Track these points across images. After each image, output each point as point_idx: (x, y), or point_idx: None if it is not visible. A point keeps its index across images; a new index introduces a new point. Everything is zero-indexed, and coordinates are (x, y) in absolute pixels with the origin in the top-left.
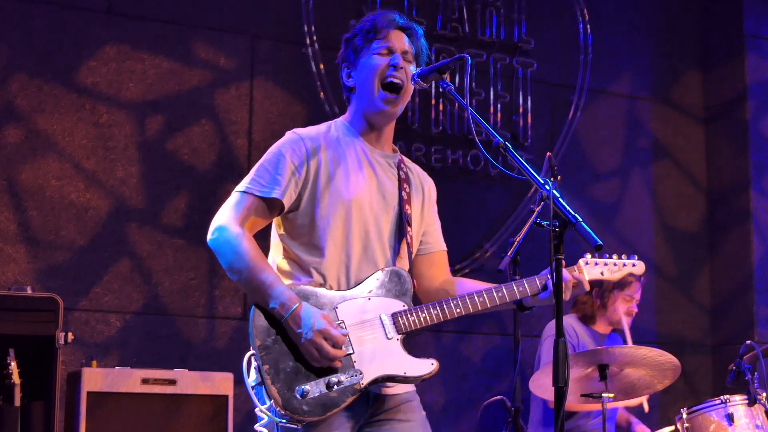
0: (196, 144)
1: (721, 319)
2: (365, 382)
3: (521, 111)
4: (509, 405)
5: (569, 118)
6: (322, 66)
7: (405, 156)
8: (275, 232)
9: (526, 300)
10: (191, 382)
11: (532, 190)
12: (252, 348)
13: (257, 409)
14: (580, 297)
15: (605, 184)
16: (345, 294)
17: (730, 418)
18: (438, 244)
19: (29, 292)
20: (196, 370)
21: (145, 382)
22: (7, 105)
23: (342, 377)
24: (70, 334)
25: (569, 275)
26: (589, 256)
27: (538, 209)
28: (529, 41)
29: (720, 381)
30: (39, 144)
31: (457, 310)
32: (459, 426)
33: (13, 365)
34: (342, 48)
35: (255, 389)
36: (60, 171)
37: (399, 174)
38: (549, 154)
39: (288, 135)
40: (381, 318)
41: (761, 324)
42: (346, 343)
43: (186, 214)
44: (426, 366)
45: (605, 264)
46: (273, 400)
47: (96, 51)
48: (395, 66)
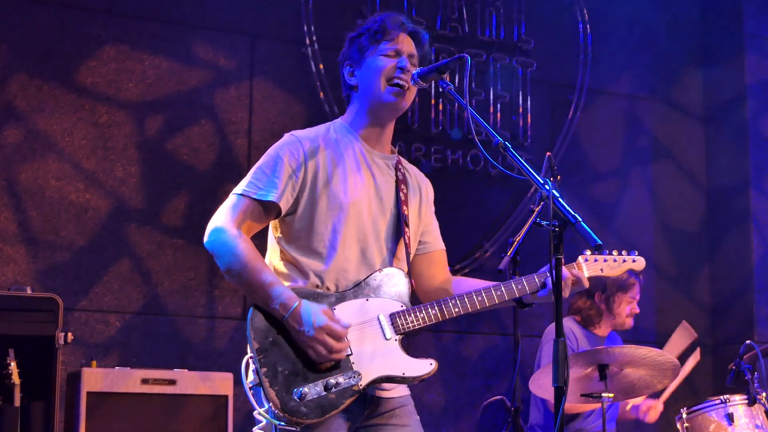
0: (195, 144)
1: (721, 319)
2: (364, 383)
3: (521, 111)
4: (509, 405)
5: (569, 118)
6: (321, 66)
7: (404, 156)
8: (272, 234)
9: (525, 297)
10: (191, 382)
11: (531, 190)
12: (250, 350)
13: (255, 412)
14: (581, 302)
15: (605, 184)
16: (343, 295)
17: (729, 417)
18: (436, 243)
19: (29, 292)
20: (195, 370)
21: (145, 382)
22: (7, 105)
23: (340, 379)
24: (69, 334)
25: (568, 273)
26: (589, 252)
27: (537, 209)
28: (529, 41)
29: (720, 381)
30: (39, 144)
31: (456, 309)
32: (459, 426)
33: (13, 365)
34: (345, 46)
35: (253, 390)
36: (60, 171)
37: (396, 175)
38: (549, 153)
39: (286, 137)
40: (379, 319)
41: (761, 324)
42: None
43: (186, 214)
44: (425, 366)
45: (605, 260)
46: (271, 402)
47: (96, 51)
48: (402, 68)
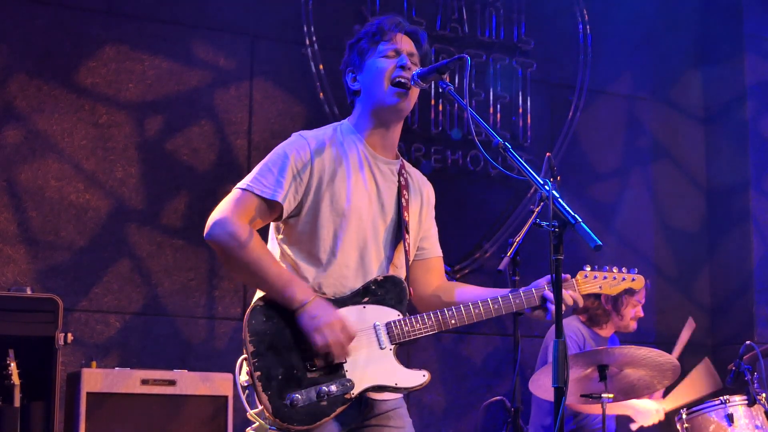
0: (195, 144)
1: (721, 319)
2: (356, 391)
3: (521, 111)
4: (509, 405)
5: (569, 118)
6: (321, 66)
7: (404, 156)
8: (273, 235)
9: (527, 311)
10: (191, 382)
11: (531, 190)
12: (245, 353)
13: (248, 414)
14: (588, 302)
15: (605, 184)
16: (340, 302)
17: (729, 418)
18: (434, 250)
19: (29, 292)
20: (195, 370)
21: (145, 382)
22: (7, 105)
23: (332, 387)
24: (69, 334)
25: (565, 296)
26: (588, 268)
27: (537, 209)
28: (529, 41)
29: (720, 381)
30: (38, 144)
31: (453, 321)
32: (459, 426)
33: (13, 366)
34: (346, 53)
35: (247, 390)
36: (59, 171)
37: (399, 180)
38: (549, 154)
39: (294, 138)
40: (375, 327)
41: (761, 324)
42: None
43: (185, 214)
44: (417, 377)
45: (604, 277)
46: (263, 407)
47: (96, 51)
48: (403, 67)
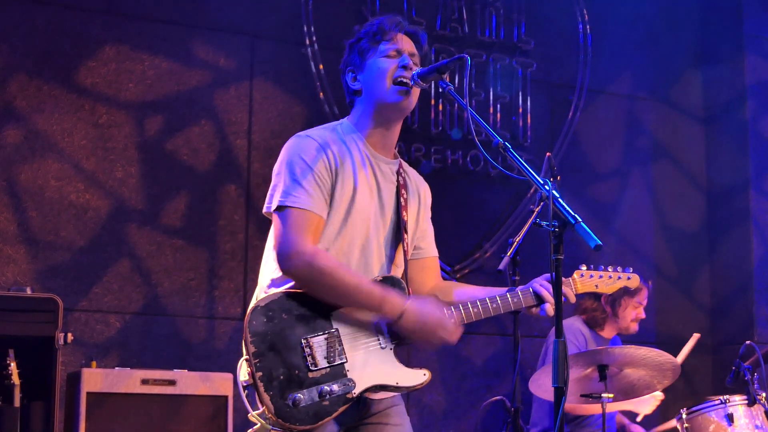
0: (195, 144)
1: (721, 319)
2: (357, 391)
3: (521, 111)
4: (509, 405)
5: (569, 118)
6: (321, 66)
7: (404, 156)
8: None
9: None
10: (191, 382)
11: (531, 190)
12: (246, 354)
13: (249, 415)
14: (588, 303)
15: (605, 184)
16: None
17: (729, 418)
18: (430, 249)
19: (29, 292)
20: (195, 370)
21: (145, 382)
22: (7, 105)
23: (334, 386)
24: (69, 334)
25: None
26: (584, 267)
27: (537, 209)
28: (529, 41)
29: (720, 381)
30: (38, 144)
31: (451, 320)
32: (459, 426)
33: (13, 366)
34: (346, 53)
35: (248, 390)
36: (59, 171)
37: (398, 180)
38: (549, 154)
39: (304, 141)
40: (376, 327)
41: (761, 324)
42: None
43: (185, 214)
44: (418, 376)
45: (600, 276)
46: (265, 407)
47: (95, 51)
48: (405, 66)
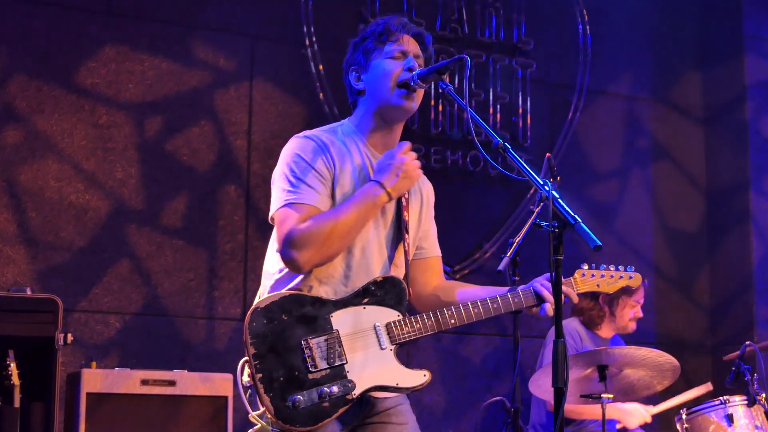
0: (195, 145)
1: (721, 320)
2: (357, 392)
3: (521, 112)
4: (509, 406)
5: (569, 118)
6: (321, 67)
7: None
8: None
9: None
10: (191, 383)
11: (531, 190)
12: (246, 355)
13: (250, 416)
14: (585, 303)
15: (605, 184)
16: (341, 302)
17: (729, 418)
18: (433, 249)
19: (29, 293)
20: (195, 371)
21: (145, 383)
22: (7, 106)
23: (334, 388)
24: (69, 335)
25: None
26: (586, 266)
27: (537, 210)
28: (529, 42)
29: (720, 381)
30: (38, 145)
31: (452, 321)
32: (459, 427)
33: (13, 366)
34: (349, 52)
35: (249, 390)
36: (59, 172)
37: None
38: (548, 154)
39: (304, 142)
40: (375, 327)
41: (761, 324)
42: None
43: (185, 214)
44: (418, 377)
45: (601, 276)
46: (265, 408)
47: (95, 52)
48: (410, 69)
